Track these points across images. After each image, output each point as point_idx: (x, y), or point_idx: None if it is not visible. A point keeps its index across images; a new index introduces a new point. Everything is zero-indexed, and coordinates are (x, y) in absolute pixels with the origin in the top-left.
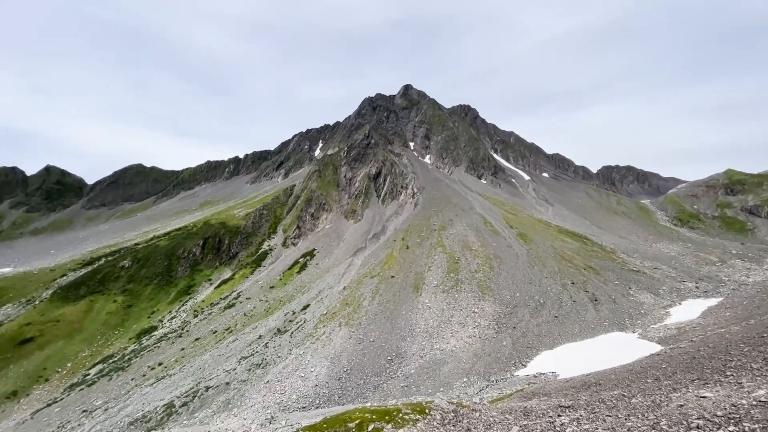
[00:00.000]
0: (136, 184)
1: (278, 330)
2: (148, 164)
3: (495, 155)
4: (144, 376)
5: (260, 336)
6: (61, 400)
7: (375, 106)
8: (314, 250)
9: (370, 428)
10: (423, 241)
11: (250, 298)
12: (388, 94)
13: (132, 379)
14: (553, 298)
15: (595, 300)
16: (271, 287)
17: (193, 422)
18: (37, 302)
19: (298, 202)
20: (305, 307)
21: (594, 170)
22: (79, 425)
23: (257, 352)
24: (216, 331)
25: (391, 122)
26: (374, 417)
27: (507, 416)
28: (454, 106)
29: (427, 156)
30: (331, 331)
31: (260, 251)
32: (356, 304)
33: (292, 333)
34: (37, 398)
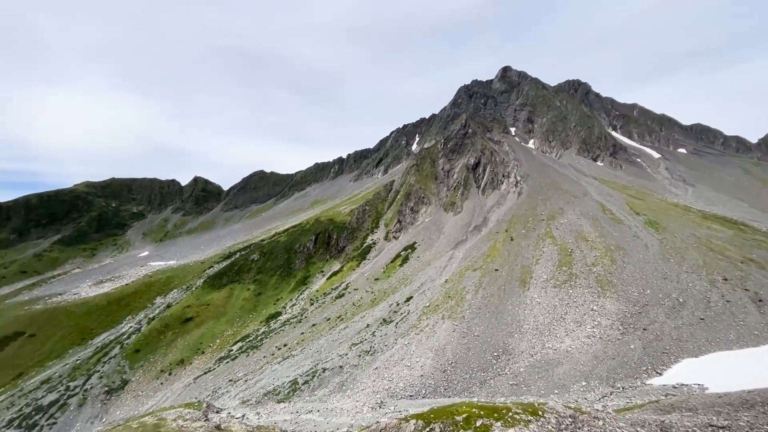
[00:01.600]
0: (260, 188)
1: (384, 320)
2: (268, 170)
3: (614, 133)
4: (273, 354)
5: (368, 325)
6: (214, 369)
7: (471, 93)
8: (415, 243)
9: (477, 423)
10: (529, 232)
11: (357, 289)
12: (484, 80)
13: (264, 357)
14: (697, 297)
15: (760, 300)
16: (376, 279)
17: (314, 399)
18: (193, 288)
19: (398, 196)
20: (408, 299)
21: (753, 140)
22: (227, 392)
23: (366, 339)
24: (329, 319)
25: (489, 108)
26: (482, 413)
27: (638, 430)
28: (561, 83)
29: (531, 140)
30: (434, 323)
31: (365, 245)
32: (459, 297)
33: (396, 324)
34: (197, 366)
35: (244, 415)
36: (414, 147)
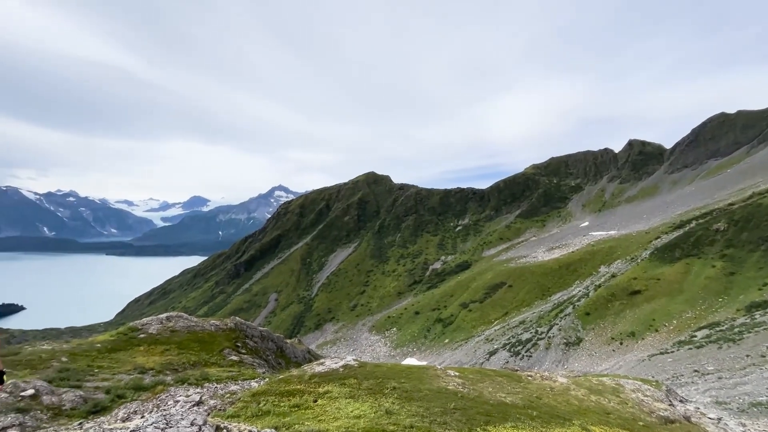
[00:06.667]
0: (720, 137)
1: None
2: (731, 110)
3: None
4: (763, 357)
5: None
6: (671, 353)
7: None
8: None
9: None
10: None
11: None
12: None
13: (747, 356)
14: None
15: None
16: None
17: None
18: (638, 260)
19: None
20: None
21: None
22: (692, 382)
23: None
24: None
25: None
26: None
27: None
28: None
29: None
30: None
31: None
32: None
33: None
34: (649, 343)
35: (720, 419)
36: None
